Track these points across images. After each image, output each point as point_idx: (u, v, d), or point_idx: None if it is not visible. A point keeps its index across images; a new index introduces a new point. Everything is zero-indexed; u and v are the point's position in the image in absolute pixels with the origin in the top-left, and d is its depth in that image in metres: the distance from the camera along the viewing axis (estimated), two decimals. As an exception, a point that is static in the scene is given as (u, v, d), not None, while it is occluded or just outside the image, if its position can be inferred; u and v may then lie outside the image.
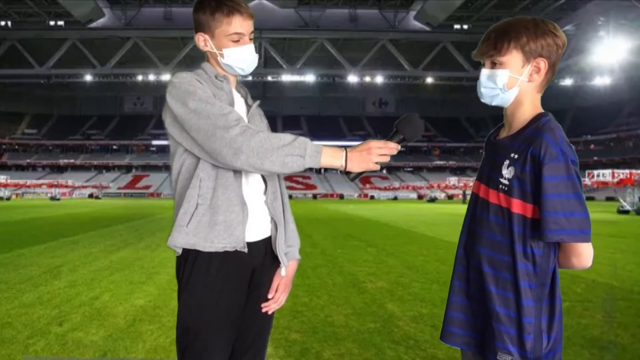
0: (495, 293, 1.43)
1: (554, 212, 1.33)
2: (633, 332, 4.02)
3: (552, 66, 1.46)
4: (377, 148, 1.53)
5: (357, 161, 1.53)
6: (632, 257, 8.49)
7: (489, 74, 1.49)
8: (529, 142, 1.39)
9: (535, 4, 59.88)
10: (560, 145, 1.35)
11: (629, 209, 26.97)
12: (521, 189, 1.39)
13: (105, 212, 23.60)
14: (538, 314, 1.40)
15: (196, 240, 1.61)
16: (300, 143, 1.52)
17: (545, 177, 1.33)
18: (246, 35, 1.73)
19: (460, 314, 1.55)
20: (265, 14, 61.77)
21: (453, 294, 1.58)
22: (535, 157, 1.36)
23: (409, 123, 1.57)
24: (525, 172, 1.38)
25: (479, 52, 1.51)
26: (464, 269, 1.56)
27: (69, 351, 3.46)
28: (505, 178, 1.43)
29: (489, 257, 1.46)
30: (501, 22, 1.49)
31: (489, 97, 1.52)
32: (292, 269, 1.86)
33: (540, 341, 1.39)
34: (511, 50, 1.44)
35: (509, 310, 1.40)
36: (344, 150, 1.55)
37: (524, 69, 1.45)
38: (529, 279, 1.40)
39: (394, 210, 29.80)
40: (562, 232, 1.34)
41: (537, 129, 1.41)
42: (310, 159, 1.52)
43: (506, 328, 1.40)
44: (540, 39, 1.43)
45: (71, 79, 69.08)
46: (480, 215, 1.50)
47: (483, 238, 1.48)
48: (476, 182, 1.57)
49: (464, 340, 1.54)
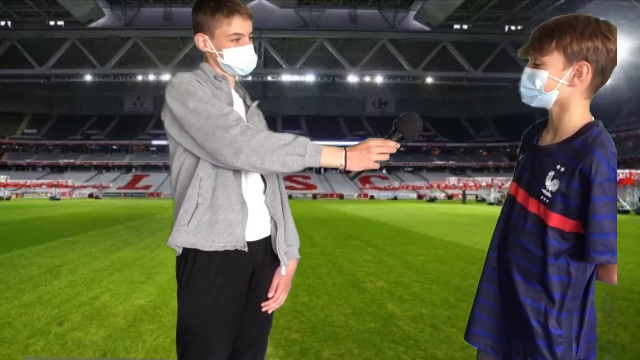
0: (525, 303, 1.39)
1: (602, 233, 1.27)
2: (632, 332, 4.02)
3: (601, 72, 1.36)
4: (376, 147, 1.53)
5: (357, 160, 1.53)
6: (632, 256, 8.48)
7: (530, 73, 1.43)
8: (578, 156, 1.31)
9: (535, 4, 59.89)
10: (612, 164, 1.28)
11: (628, 208, 26.99)
12: (565, 205, 1.32)
13: (105, 212, 23.59)
14: (569, 325, 1.36)
15: (196, 239, 1.62)
16: (300, 142, 1.53)
17: (595, 198, 1.26)
18: (246, 36, 1.74)
19: (487, 317, 1.52)
20: (265, 14, 61.82)
21: (480, 296, 1.54)
22: (584, 175, 1.28)
23: (408, 122, 1.57)
24: (571, 188, 1.31)
25: (523, 50, 1.44)
26: (494, 271, 1.51)
27: (69, 351, 3.46)
28: (548, 190, 1.36)
29: (521, 266, 1.41)
30: (551, 19, 1.42)
31: (528, 97, 1.45)
32: (292, 268, 1.87)
33: (569, 352, 1.36)
34: (552, 51, 1.37)
35: (539, 322, 1.37)
36: (344, 149, 1.55)
37: (564, 72, 1.37)
38: (563, 291, 1.35)
39: (394, 210, 29.80)
40: (608, 254, 1.29)
41: (588, 143, 1.32)
42: (310, 159, 1.52)
43: (536, 338, 1.37)
44: (587, 41, 1.33)
45: (71, 78, 69.20)
46: (517, 221, 1.44)
47: (516, 245, 1.43)
48: (514, 184, 1.49)
49: (488, 343, 1.52)
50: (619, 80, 64.31)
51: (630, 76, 62.75)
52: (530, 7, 60.77)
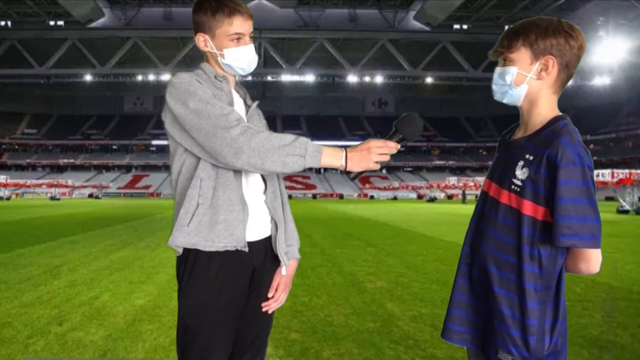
0: (499, 294, 1.43)
1: (568, 216, 1.32)
2: (632, 332, 4.02)
3: (566, 67, 1.45)
4: (377, 147, 1.53)
5: (357, 161, 1.53)
6: (632, 256, 8.49)
7: (500, 71, 1.51)
8: (545, 144, 1.38)
9: (535, 4, 59.91)
10: (577, 149, 1.34)
11: (628, 208, 26.97)
12: (534, 192, 1.38)
13: (105, 212, 23.59)
14: (542, 316, 1.40)
15: (197, 239, 1.61)
16: (301, 143, 1.52)
17: (561, 181, 1.32)
18: (246, 36, 1.74)
19: (462, 312, 1.55)
20: (265, 14, 61.82)
21: (456, 292, 1.57)
22: (551, 160, 1.35)
23: (408, 122, 1.57)
24: (539, 175, 1.37)
25: (493, 51, 1.54)
26: (468, 267, 1.55)
27: (69, 351, 3.46)
28: (518, 179, 1.42)
29: (495, 257, 1.45)
30: (518, 22, 1.51)
31: (500, 93, 1.53)
32: (292, 268, 1.87)
33: (542, 343, 1.39)
34: (519, 47, 1.46)
35: (513, 312, 1.40)
36: (344, 150, 1.55)
37: (532, 66, 1.45)
38: (535, 281, 1.39)
39: (394, 210, 29.80)
40: (574, 237, 1.33)
41: (555, 132, 1.40)
42: (311, 159, 1.52)
43: (509, 329, 1.40)
44: (551, 38, 1.43)
45: (71, 78, 69.14)
46: (489, 214, 1.49)
47: (490, 237, 1.47)
48: (487, 181, 1.56)
49: (464, 337, 1.55)
50: (618, 80, 64.37)
51: (630, 76, 62.81)
52: (530, 7, 60.78)
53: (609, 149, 71.29)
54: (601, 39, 53.23)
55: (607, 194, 52.88)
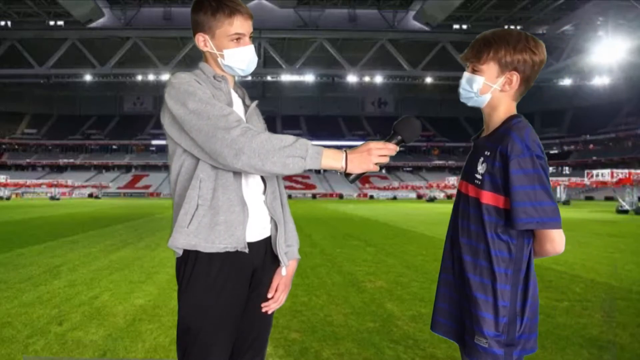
0: (473, 279, 1.53)
1: (522, 202, 1.44)
2: (632, 332, 4.03)
3: (526, 80, 1.58)
4: (376, 149, 1.54)
5: (357, 162, 1.54)
6: (631, 256, 8.50)
7: (468, 77, 1.63)
8: (499, 140, 1.52)
9: (535, 4, 59.87)
10: (525, 142, 1.46)
11: (627, 208, 26.98)
12: (492, 182, 1.52)
13: (104, 212, 23.59)
14: (513, 298, 1.49)
15: (197, 241, 1.61)
16: (301, 144, 1.52)
17: (512, 171, 1.45)
18: (246, 36, 1.73)
19: (446, 305, 1.66)
20: (264, 14, 61.78)
21: (440, 285, 1.69)
22: (503, 153, 1.48)
23: (407, 124, 1.59)
24: (495, 167, 1.50)
25: (464, 57, 1.66)
26: (450, 262, 1.66)
27: (69, 351, 3.47)
28: (479, 173, 1.56)
29: (469, 246, 1.57)
30: (489, 32, 1.62)
31: (465, 98, 1.66)
32: (292, 268, 1.86)
33: (514, 324, 1.49)
34: (489, 61, 1.58)
35: (487, 296, 1.50)
36: (344, 152, 1.55)
37: (498, 79, 1.58)
38: (505, 265, 1.50)
39: (393, 209, 29.80)
40: (531, 220, 1.44)
41: (507, 129, 1.53)
42: (312, 161, 1.52)
43: (483, 312, 1.49)
44: (517, 54, 1.54)
45: (71, 78, 69.06)
46: (463, 208, 1.62)
47: (464, 229, 1.60)
48: (461, 181, 1.69)
49: (446, 329, 1.66)
50: (618, 81, 64.35)
51: (630, 76, 62.81)
52: (530, 7, 60.74)
53: (609, 149, 71.29)
54: (601, 39, 53.22)
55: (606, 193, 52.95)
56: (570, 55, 58.30)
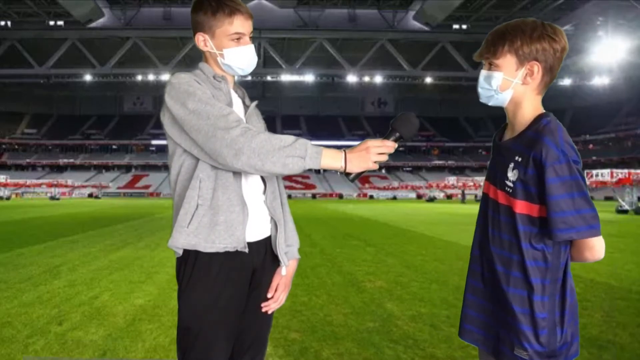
0: (508, 291, 1.46)
1: (561, 212, 1.36)
2: (632, 332, 4.03)
3: (549, 70, 1.48)
4: (375, 147, 1.54)
5: (357, 161, 1.54)
6: (631, 256, 8.50)
7: (486, 75, 1.54)
8: (530, 145, 1.42)
9: (534, 4, 59.89)
10: (561, 147, 1.37)
11: (627, 208, 26.97)
12: (525, 191, 1.43)
13: (104, 212, 23.58)
14: (552, 308, 1.43)
15: (197, 240, 1.61)
16: (301, 144, 1.52)
17: (548, 180, 1.36)
18: (246, 35, 1.74)
19: (475, 313, 1.59)
20: (264, 14, 61.79)
21: (468, 292, 1.62)
22: (537, 160, 1.39)
23: (404, 121, 1.58)
24: (528, 175, 1.41)
25: (478, 54, 1.56)
26: (479, 268, 1.59)
27: (69, 350, 3.47)
28: (510, 180, 1.47)
29: (501, 256, 1.50)
30: (502, 25, 1.52)
31: (486, 97, 1.57)
32: (292, 268, 1.86)
33: (554, 335, 1.42)
34: (505, 54, 1.48)
35: (523, 308, 1.43)
36: (343, 151, 1.55)
37: (517, 72, 1.49)
38: (542, 275, 1.43)
39: (393, 209, 29.80)
40: (571, 231, 1.37)
41: (538, 132, 1.43)
42: (311, 161, 1.52)
43: (521, 325, 1.43)
44: (535, 43, 1.45)
45: (71, 78, 69.06)
46: (493, 215, 1.54)
47: (495, 238, 1.52)
48: (486, 183, 1.61)
49: (479, 339, 1.58)
50: (618, 80, 64.37)
51: (630, 76, 62.85)
52: (529, 7, 60.75)
53: (608, 149, 71.28)
54: (600, 39, 53.25)
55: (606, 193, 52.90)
56: (569, 55, 57.82)
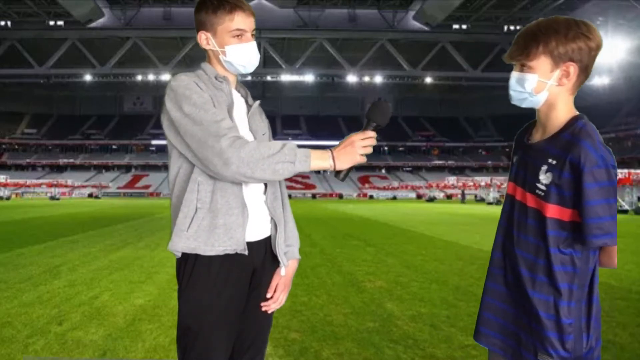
0: (533, 296, 1.42)
1: (597, 218, 1.33)
2: (631, 332, 4.03)
3: (584, 69, 1.45)
4: (359, 141, 1.56)
5: (344, 157, 1.56)
6: (631, 256, 8.50)
7: (518, 77, 1.48)
8: (566, 147, 1.38)
9: (534, 4, 59.94)
10: (599, 151, 1.34)
11: (627, 208, 27.00)
12: (559, 195, 1.39)
13: (104, 212, 23.58)
14: (578, 314, 1.40)
15: (197, 244, 1.62)
16: (289, 150, 1.54)
17: (586, 185, 1.33)
18: (248, 32, 1.74)
19: (494, 317, 1.55)
20: (264, 14, 61.84)
21: (487, 295, 1.58)
22: (574, 164, 1.35)
23: (377, 110, 1.61)
24: (563, 179, 1.37)
25: (508, 55, 1.50)
26: (500, 271, 1.55)
27: (69, 350, 3.47)
28: (542, 183, 1.42)
29: (526, 260, 1.45)
30: (532, 24, 1.47)
31: (518, 100, 1.51)
32: (292, 268, 1.86)
33: (580, 341, 1.39)
34: (539, 55, 1.43)
35: (548, 313, 1.40)
36: (330, 150, 1.57)
37: (552, 74, 1.44)
38: (569, 280, 1.40)
39: (393, 209, 29.80)
40: (606, 237, 1.34)
41: (574, 135, 1.40)
42: (300, 164, 1.54)
43: (546, 330, 1.40)
44: (571, 43, 1.40)
45: (71, 78, 69.16)
46: (519, 218, 1.50)
47: (521, 241, 1.48)
48: (511, 184, 1.56)
49: (496, 343, 1.55)
50: (617, 80, 64.40)
51: (629, 76, 62.86)
52: (529, 7, 60.81)
53: (608, 149, 71.21)
54: (600, 39, 53.26)
55: (606, 193, 52.83)
56: (570, 55, 58.33)
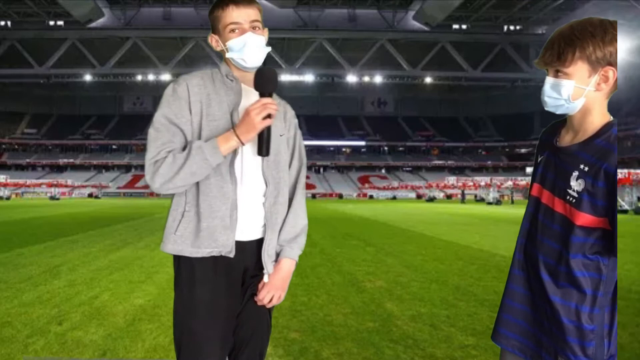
0: (555, 301, 1.40)
1: None
2: (631, 332, 4.03)
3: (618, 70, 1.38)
4: (253, 109, 1.59)
5: (245, 129, 1.61)
6: (630, 256, 8.51)
7: (553, 83, 1.41)
8: (601, 155, 1.33)
9: (534, 4, 59.95)
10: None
11: (627, 208, 27.01)
12: (592, 203, 1.34)
13: (104, 212, 23.58)
14: (601, 321, 1.37)
15: (183, 247, 1.67)
16: (197, 150, 1.60)
17: None
18: (244, 24, 1.70)
19: (514, 319, 1.53)
20: (264, 14, 61.49)
21: (507, 297, 1.55)
22: (610, 174, 1.31)
23: (261, 78, 1.66)
24: (597, 187, 1.32)
25: (542, 61, 1.43)
26: (521, 273, 1.52)
27: (69, 350, 3.47)
28: (574, 190, 1.37)
29: (549, 265, 1.42)
30: (566, 27, 1.40)
31: (553, 106, 1.44)
32: (287, 268, 1.82)
33: (602, 348, 1.37)
34: (576, 61, 1.36)
35: (570, 318, 1.38)
36: (232, 129, 1.63)
37: (590, 79, 1.37)
38: (594, 287, 1.36)
39: (393, 209, 29.80)
40: None
41: (610, 142, 1.35)
42: (213, 157, 1.60)
43: (567, 335, 1.38)
44: (608, 46, 1.34)
45: (71, 78, 69.19)
46: (544, 222, 1.45)
47: (544, 245, 1.44)
48: (536, 186, 1.51)
49: (515, 345, 1.52)
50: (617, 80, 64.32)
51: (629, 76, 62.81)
52: (529, 7, 60.82)
53: (608, 149, 71.23)
54: (600, 39, 53.30)
55: (606, 193, 52.86)
56: (569, 55, 58.39)
